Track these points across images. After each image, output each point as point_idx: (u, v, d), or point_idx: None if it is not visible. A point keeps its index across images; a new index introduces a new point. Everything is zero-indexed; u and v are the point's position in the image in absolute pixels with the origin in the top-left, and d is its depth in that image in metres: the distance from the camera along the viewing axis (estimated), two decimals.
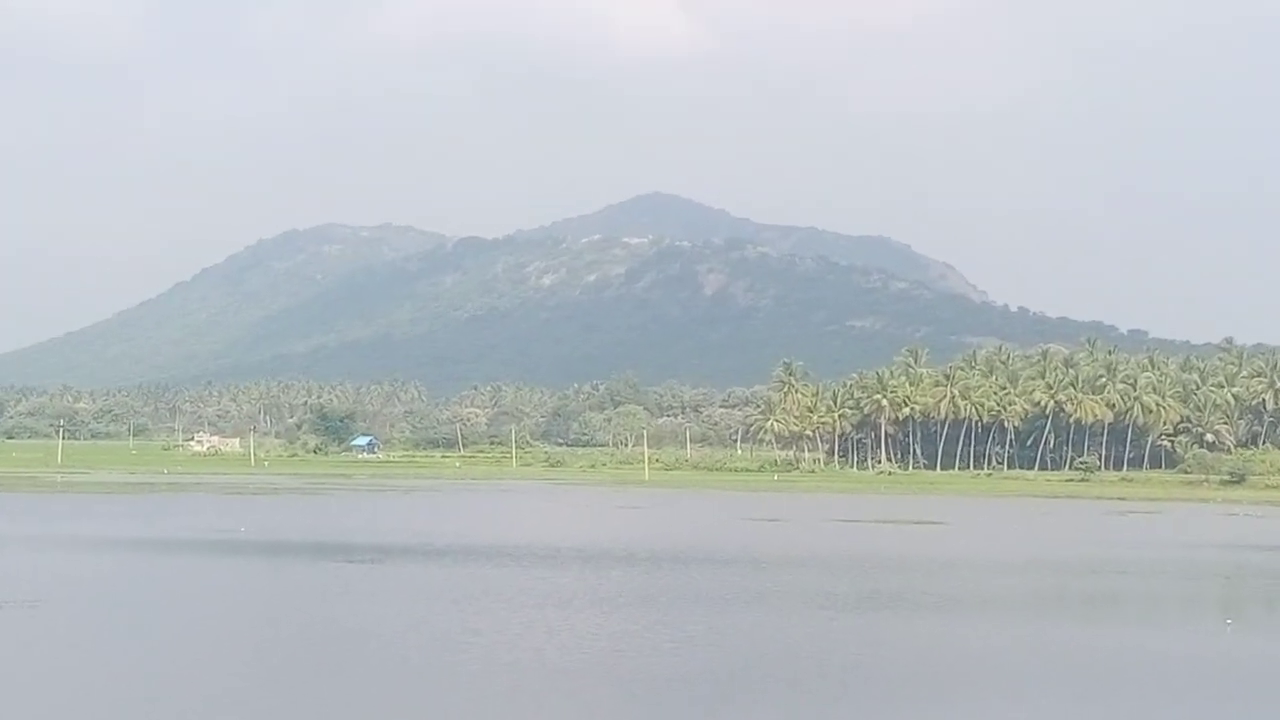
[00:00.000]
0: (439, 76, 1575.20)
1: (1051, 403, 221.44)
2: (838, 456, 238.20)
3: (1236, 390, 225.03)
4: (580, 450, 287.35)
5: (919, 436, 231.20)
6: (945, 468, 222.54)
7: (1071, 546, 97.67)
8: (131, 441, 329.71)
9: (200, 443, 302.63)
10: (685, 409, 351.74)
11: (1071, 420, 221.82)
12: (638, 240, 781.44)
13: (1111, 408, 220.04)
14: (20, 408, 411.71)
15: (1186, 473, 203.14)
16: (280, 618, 55.38)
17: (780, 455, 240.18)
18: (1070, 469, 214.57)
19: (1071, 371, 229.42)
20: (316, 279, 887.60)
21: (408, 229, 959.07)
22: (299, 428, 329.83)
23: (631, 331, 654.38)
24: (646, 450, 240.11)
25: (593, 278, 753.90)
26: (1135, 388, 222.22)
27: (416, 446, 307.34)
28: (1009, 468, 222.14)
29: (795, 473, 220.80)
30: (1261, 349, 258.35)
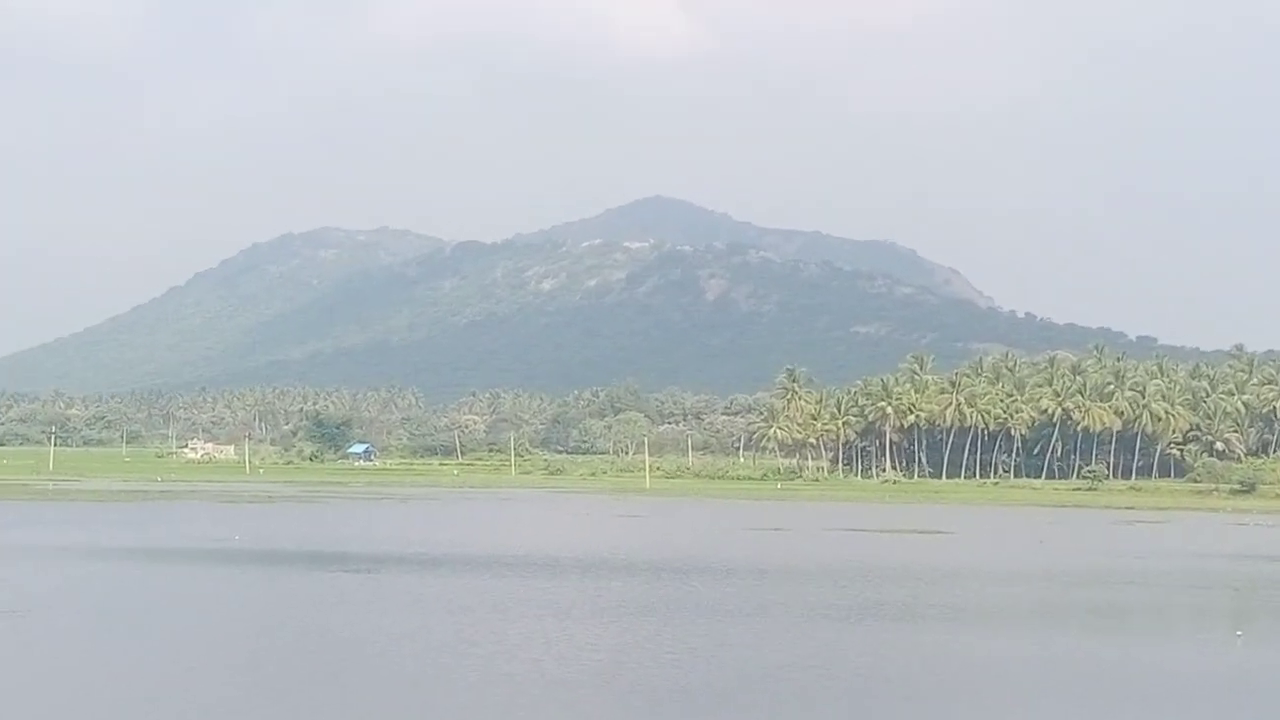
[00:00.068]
0: (439, 76, 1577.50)
1: (1059, 410, 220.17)
2: (842, 465, 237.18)
3: (1247, 398, 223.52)
4: (580, 458, 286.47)
5: (924, 444, 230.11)
6: (951, 476, 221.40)
7: (1079, 556, 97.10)
8: (124, 448, 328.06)
9: (194, 450, 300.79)
10: (687, 416, 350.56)
11: (1079, 428, 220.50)
12: (639, 244, 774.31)
13: (1120, 415, 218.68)
14: (11, 414, 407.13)
15: (1196, 481, 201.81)
16: (275, 627, 54.97)
17: (783, 463, 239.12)
18: (1078, 478, 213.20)
19: (1079, 379, 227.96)
20: (312, 283, 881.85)
21: (405, 233, 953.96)
22: (294, 435, 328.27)
23: (632, 337, 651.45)
24: (647, 458, 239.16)
25: (593, 282, 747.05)
26: (1144, 395, 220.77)
27: (414, 454, 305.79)
28: (1015, 476, 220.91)
29: (798, 481, 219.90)
30: (1272, 356, 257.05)
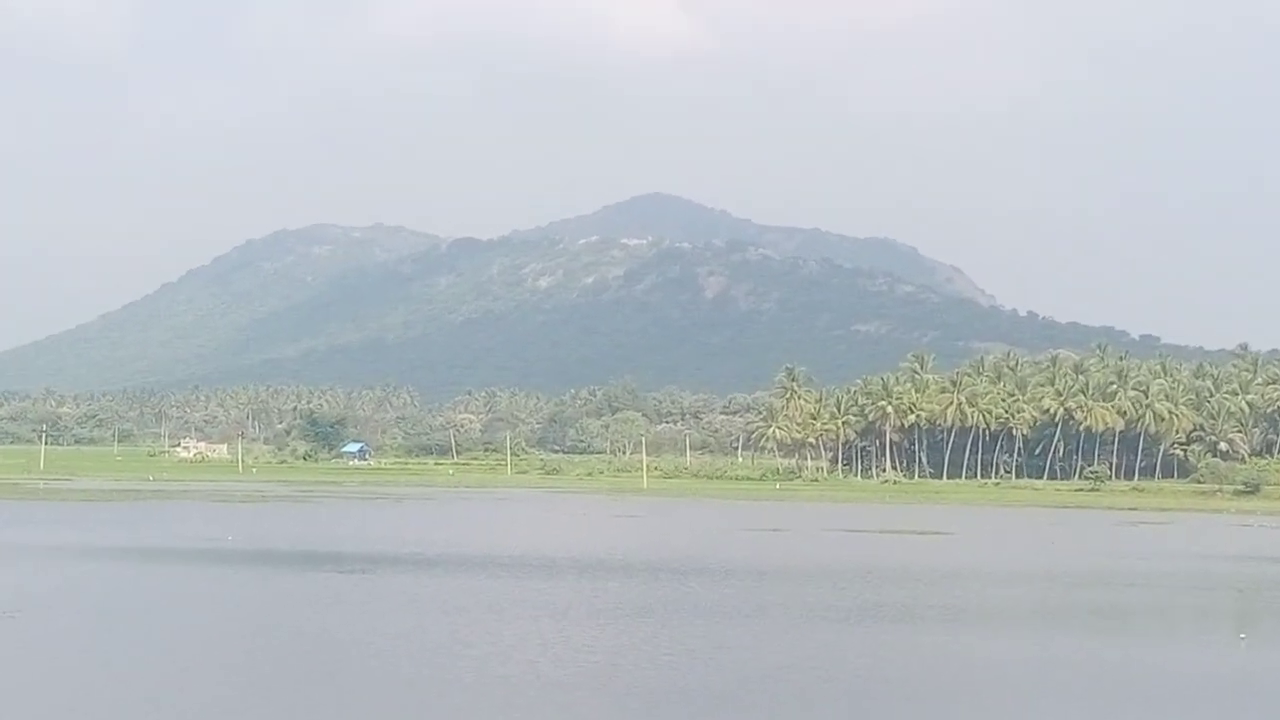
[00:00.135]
0: (439, 76, 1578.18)
1: (1061, 410, 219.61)
2: (841, 464, 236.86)
3: (1251, 398, 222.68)
4: (577, 457, 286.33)
5: (925, 444, 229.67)
6: (951, 476, 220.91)
7: (1081, 557, 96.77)
8: (116, 447, 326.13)
9: (187, 449, 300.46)
10: (685, 415, 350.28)
11: (1081, 428, 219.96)
12: (636, 241, 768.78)
13: (1123, 415, 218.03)
14: (1, 412, 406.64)
15: (1199, 482, 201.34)
16: (269, 628, 54.70)
17: (782, 463, 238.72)
18: (1080, 478, 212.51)
19: (1081, 378, 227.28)
20: (307, 281, 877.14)
21: (400, 229, 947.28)
22: (288, 434, 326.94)
23: (630, 335, 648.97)
24: (645, 457, 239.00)
25: (590, 280, 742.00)
26: (1147, 395, 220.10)
27: (409, 453, 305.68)
28: (1017, 477, 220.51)
29: (798, 481, 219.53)
30: (1276, 355, 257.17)
